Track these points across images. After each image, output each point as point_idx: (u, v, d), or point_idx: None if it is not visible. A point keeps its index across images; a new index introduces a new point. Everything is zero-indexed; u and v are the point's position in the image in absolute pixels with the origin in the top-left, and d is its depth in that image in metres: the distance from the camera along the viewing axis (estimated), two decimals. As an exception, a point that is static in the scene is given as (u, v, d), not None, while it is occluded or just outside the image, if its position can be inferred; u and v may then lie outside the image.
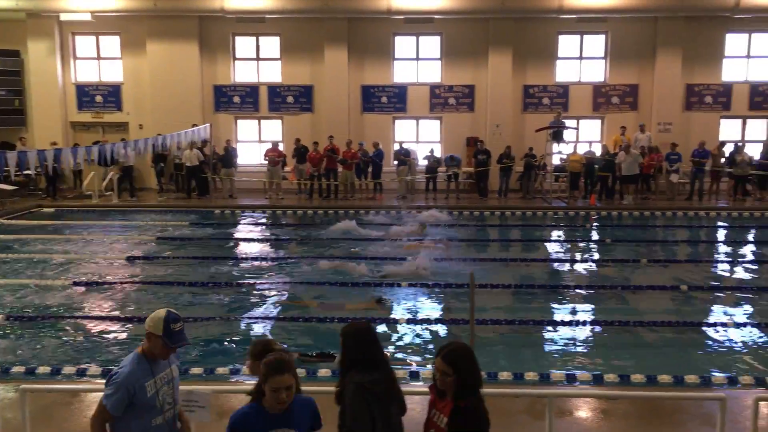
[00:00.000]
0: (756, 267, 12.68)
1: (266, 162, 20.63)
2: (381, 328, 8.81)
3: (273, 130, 22.78)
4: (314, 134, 21.55)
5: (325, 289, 10.56)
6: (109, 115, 22.81)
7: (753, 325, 9.10)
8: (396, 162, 20.51)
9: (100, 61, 22.89)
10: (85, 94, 22.74)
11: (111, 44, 22.72)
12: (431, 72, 22.38)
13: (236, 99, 22.59)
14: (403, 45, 22.38)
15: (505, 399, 6.19)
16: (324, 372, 7.07)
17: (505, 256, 13.56)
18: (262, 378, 3.44)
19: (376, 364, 3.89)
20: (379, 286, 10.80)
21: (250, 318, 9.31)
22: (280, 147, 21.54)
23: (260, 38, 22.54)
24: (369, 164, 20.36)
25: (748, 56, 21.77)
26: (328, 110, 21.96)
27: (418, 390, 6.50)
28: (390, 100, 22.32)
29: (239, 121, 22.95)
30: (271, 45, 22.55)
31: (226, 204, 19.46)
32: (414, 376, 7.12)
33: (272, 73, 22.63)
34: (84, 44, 22.86)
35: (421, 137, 22.59)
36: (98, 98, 22.75)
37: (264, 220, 17.82)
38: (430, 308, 9.98)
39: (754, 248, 14.81)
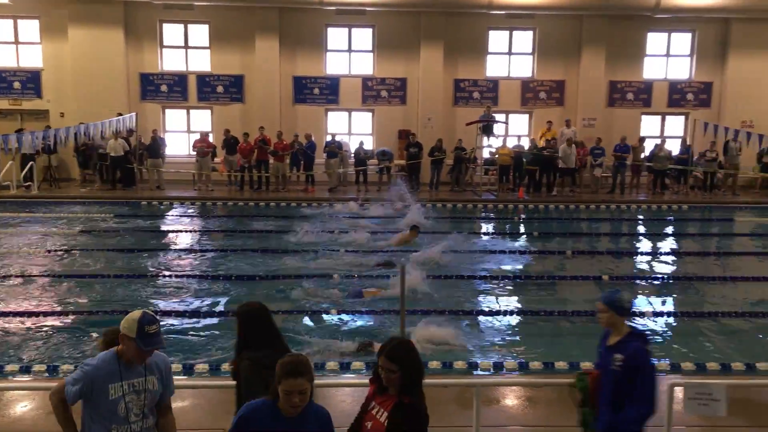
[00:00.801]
0: (674, 258, 13.27)
1: (195, 153, 20.20)
2: (312, 319, 8.81)
3: (202, 120, 22.32)
4: (245, 125, 21.23)
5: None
6: (28, 103, 21.84)
7: (669, 314, 9.54)
8: (326, 154, 20.41)
9: (18, 46, 21.87)
10: (2, 80, 21.70)
11: (30, 28, 21.73)
12: (364, 64, 22.38)
13: (164, 88, 22.00)
14: (336, 37, 22.28)
15: (435, 388, 6.27)
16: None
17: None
18: (276, 378, 3.34)
19: (271, 341, 4.08)
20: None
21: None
22: (210, 138, 21.13)
23: (189, 26, 22.01)
24: (301, 156, 20.23)
25: (668, 55, 22.68)
26: (259, 101, 21.67)
27: (349, 382, 6.56)
28: (322, 92, 22.20)
29: (167, 111, 22.38)
30: (200, 33, 22.07)
31: (153, 195, 18.94)
32: (345, 367, 7.13)
33: (201, 62, 22.15)
34: (1, 28, 21.78)
35: (353, 130, 22.58)
36: (16, 84, 21.73)
37: (192, 212, 17.47)
38: (361, 300, 9.99)
39: (672, 240, 15.48)
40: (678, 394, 4.95)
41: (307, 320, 8.94)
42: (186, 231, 14.95)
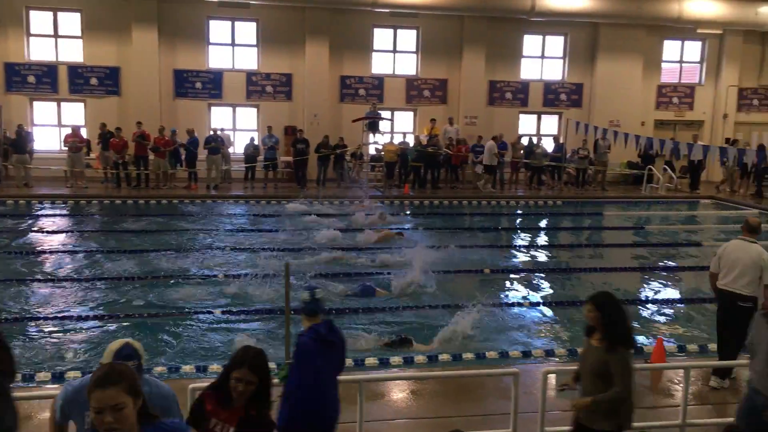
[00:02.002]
0: (549, 250, 13.95)
1: (66, 148, 19.06)
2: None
3: (75, 113, 21.10)
4: (122, 119, 20.29)
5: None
6: None
7: (545, 304, 10.01)
8: (207, 150, 19.81)
9: None
10: None
11: None
12: (248, 59, 21.96)
13: (31, 79, 20.63)
14: (219, 30, 21.73)
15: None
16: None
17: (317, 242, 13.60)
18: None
19: None
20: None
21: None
22: (83, 132, 20.02)
23: (58, 14, 20.75)
24: (183, 152, 19.59)
25: (543, 57, 23.78)
26: (137, 94, 20.77)
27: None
28: (205, 86, 21.59)
29: (35, 103, 21.00)
30: (71, 22, 20.84)
31: (19, 194, 17.72)
32: (201, 369, 7.02)
33: (73, 52, 20.93)
34: None
35: (238, 125, 22.11)
36: None
37: (64, 211, 16.51)
38: (242, 301, 9.81)
39: (548, 233, 16.26)
40: (552, 380, 5.19)
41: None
42: (57, 231, 14.11)
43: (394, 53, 22.89)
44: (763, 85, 24.77)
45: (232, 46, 21.87)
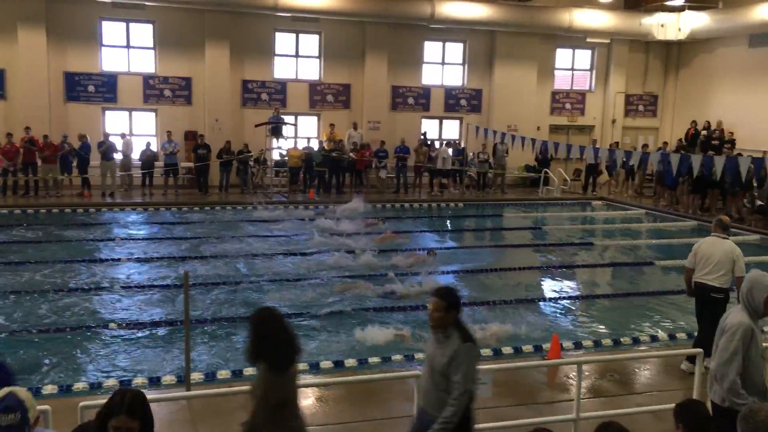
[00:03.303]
0: (452, 251, 14.25)
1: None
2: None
3: (-46, 118, 19.74)
4: (8, 124, 19.14)
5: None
6: None
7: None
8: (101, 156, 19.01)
9: None
10: None
11: None
12: (145, 62, 21.24)
13: None
14: (113, 31, 20.89)
15: (223, 398, 6.17)
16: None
17: (228, 251, 13.35)
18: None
19: None
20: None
21: None
22: (-36, 138, 18.75)
23: (-66, 11, 19.37)
24: (73, 158, 18.70)
25: (443, 63, 24.30)
26: (23, 98, 19.63)
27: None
28: (98, 90, 20.69)
29: None
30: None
31: None
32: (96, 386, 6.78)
33: (-49, 52, 19.59)
34: None
35: (136, 130, 21.33)
36: None
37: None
38: (138, 313, 9.49)
39: (452, 234, 16.57)
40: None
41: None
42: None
43: (296, 58, 22.75)
44: (647, 92, 26.31)
45: (128, 48, 21.07)
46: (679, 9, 23.40)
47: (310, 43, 22.81)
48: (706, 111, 23.91)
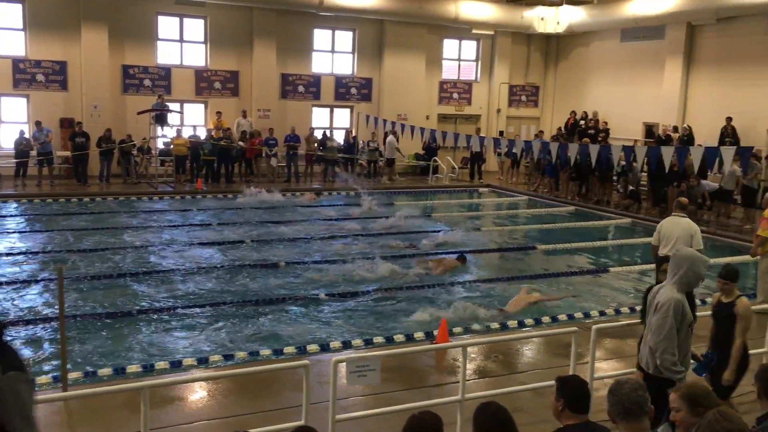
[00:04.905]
0: (349, 239, 14.25)
1: None
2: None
3: None
4: None
5: None
6: None
7: (342, 295, 10.14)
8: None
9: None
10: None
11: None
12: (14, 45, 19.82)
13: None
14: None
15: (105, 397, 5.90)
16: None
17: (100, 244, 12.73)
18: None
19: None
20: None
21: None
22: None
23: None
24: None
25: (333, 51, 24.22)
26: None
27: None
28: (-39, 73, 19.16)
29: None
30: None
31: None
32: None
33: None
34: None
35: (5, 117, 19.91)
36: None
37: None
38: (9, 310, 8.93)
39: (345, 222, 16.53)
40: (341, 369, 5.34)
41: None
42: None
43: (181, 43, 21.96)
44: (529, 83, 27.38)
45: (-6, 29, 19.62)
46: (558, 3, 24.45)
47: (196, 28, 22.09)
48: (583, 102, 25.18)
